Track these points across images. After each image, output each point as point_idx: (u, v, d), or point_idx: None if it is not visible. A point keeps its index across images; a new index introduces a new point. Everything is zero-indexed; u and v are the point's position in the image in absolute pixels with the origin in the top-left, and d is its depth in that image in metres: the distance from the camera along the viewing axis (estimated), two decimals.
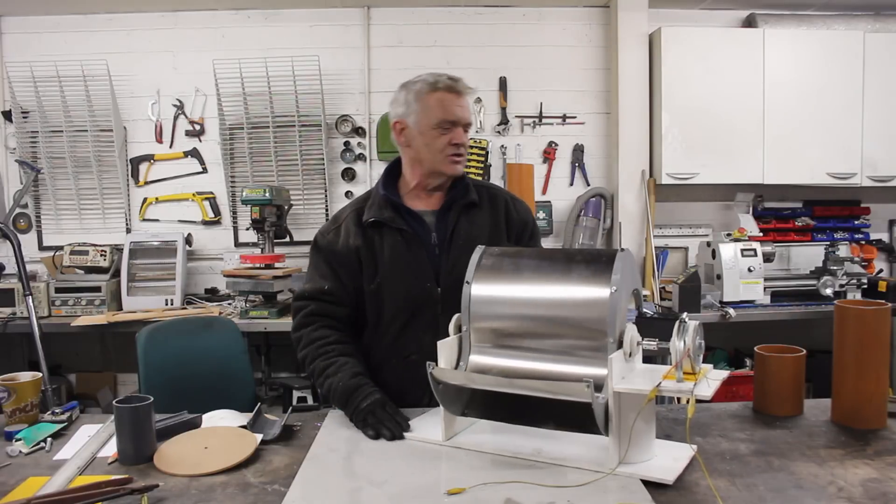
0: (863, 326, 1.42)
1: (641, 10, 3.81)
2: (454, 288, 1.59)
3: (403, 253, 1.65)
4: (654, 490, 1.13)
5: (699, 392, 1.14)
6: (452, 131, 1.63)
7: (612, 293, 1.24)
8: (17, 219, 3.91)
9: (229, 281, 3.44)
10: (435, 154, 1.64)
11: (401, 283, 1.65)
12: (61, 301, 3.43)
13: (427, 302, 1.64)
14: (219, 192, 3.96)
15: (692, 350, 1.18)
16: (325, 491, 1.17)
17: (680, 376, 1.17)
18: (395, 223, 1.66)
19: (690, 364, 1.18)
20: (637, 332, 1.27)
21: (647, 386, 1.18)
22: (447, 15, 3.96)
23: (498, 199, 1.77)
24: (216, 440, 1.38)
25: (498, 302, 1.39)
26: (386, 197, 1.69)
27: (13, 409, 1.47)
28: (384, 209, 1.67)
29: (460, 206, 1.69)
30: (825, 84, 3.71)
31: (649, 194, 3.84)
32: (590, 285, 1.28)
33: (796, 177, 3.78)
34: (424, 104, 1.63)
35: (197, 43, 3.89)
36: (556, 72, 3.99)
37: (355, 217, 1.70)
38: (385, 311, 1.66)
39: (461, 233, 1.67)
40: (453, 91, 1.63)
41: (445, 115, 1.62)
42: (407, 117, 1.67)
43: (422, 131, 1.64)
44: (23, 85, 3.77)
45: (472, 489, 1.13)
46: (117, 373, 3.99)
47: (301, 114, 3.83)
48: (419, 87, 1.65)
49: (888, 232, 4.20)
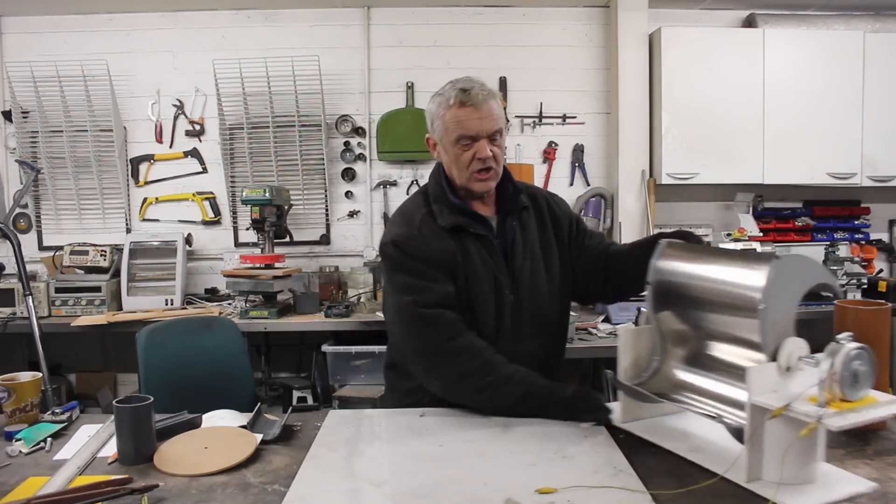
0: (863, 326, 1.42)
1: (641, 10, 3.81)
2: (520, 295, 1.62)
3: (488, 259, 1.60)
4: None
5: (829, 421, 1.04)
6: (474, 146, 1.55)
7: (762, 310, 1.17)
8: (17, 219, 3.92)
9: (229, 281, 3.44)
10: (462, 171, 1.59)
11: (490, 290, 1.59)
12: (61, 301, 3.43)
13: (505, 309, 1.61)
14: (219, 192, 3.96)
15: (840, 375, 1.07)
16: (325, 491, 1.17)
17: (822, 400, 1.07)
18: (474, 228, 1.60)
19: (839, 390, 1.07)
20: (803, 346, 1.18)
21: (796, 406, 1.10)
22: (447, 15, 3.96)
23: (539, 199, 1.74)
24: (216, 440, 1.38)
25: (678, 299, 1.40)
26: (456, 202, 1.61)
27: (13, 409, 1.47)
28: (458, 214, 1.60)
29: (517, 212, 1.66)
30: (825, 84, 3.71)
31: (649, 194, 3.84)
32: (742, 304, 1.23)
33: (796, 177, 3.78)
34: (443, 122, 1.58)
35: (197, 43, 3.89)
36: (556, 72, 3.99)
37: (430, 220, 1.61)
38: (476, 319, 1.58)
39: (518, 240, 1.64)
40: (467, 105, 1.54)
41: (462, 132, 1.55)
42: (434, 133, 1.63)
43: (446, 149, 1.60)
44: (23, 85, 3.77)
45: (563, 490, 1.12)
46: (117, 373, 3.99)
47: (301, 114, 3.84)
48: (438, 103, 1.59)
49: (888, 232, 4.20)
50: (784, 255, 1.24)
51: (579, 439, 1.38)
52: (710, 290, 1.32)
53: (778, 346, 1.17)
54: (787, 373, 1.17)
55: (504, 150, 1.63)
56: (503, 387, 1.48)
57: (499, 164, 1.60)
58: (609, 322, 3.21)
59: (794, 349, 1.17)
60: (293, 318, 3.34)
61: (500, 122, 1.58)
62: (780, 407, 1.09)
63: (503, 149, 1.62)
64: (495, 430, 1.44)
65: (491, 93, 1.58)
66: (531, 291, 1.64)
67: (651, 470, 1.22)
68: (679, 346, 1.43)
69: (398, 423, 1.50)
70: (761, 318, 1.18)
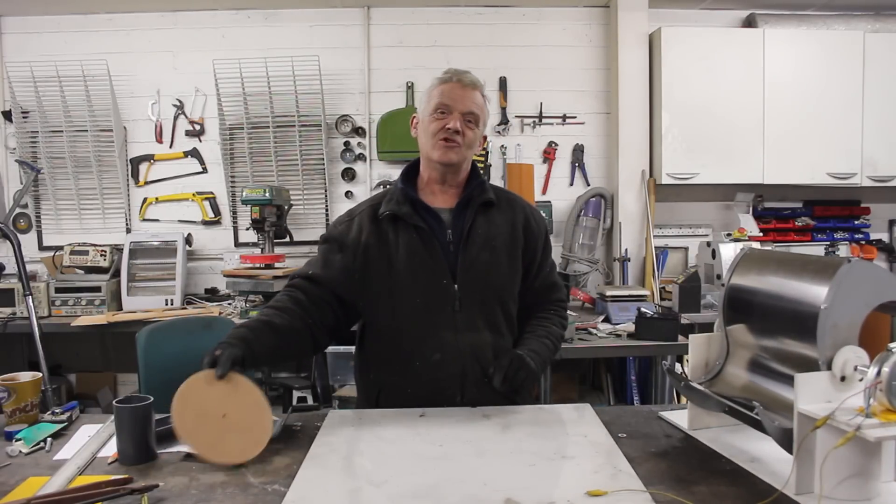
0: (862, 326, 1.42)
1: (641, 10, 3.82)
2: (471, 285, 1.62)
3: (419, 249, 1.62)
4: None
5: (868, 432, 0.99)
6: (447, 118, 1.61)
7: (822, 311, 1.14)
8: (17, 219, 3.92)
9: (229, 281, 3.44)
10: (428, 139, 1.63)
11: (417, 280, 1.61)
12: (61, 301, 3.43)
13: (444, 299, 1.61)
14: (219, 192, 3.96)
15: (887, 384, 1.02)
16: (325, 491, 1.17)
17: (867, 410, 1.03)
18: (411, 219, 1.62)
19: (886, 399, 1.02)
20: (862, 355, 1.13)
21: (843, 416, 1.05)
22: (447, 15, 3.96)
23: (516, 206, 1.75)
24: (235, 409, 1.31)
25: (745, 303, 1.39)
26: (404, 191, 1.67)
27: (13, 409, 1.47)
28: (402, 204, 1.64)
29: (477, 204, 1.67)
30: (825, 84, 3.72)
31: (649, 194, 3.84)
32: (806, 299, 1.20)
33: (796, 177, 3.78)
34: (428, 94, 1.66)
35: (197, 43, 3.90)
36: (556, 72, 3.99)
37: (371, 212, 1.68)
38: (401, 310, 1.62)
39: (479, 230, 1.65)
40: (454, 82, 1.63)
41: (441, 99, 1.62)
42: (419, 110, 1.71)
43: (423, 120, 1.67)
44: (23, 85, 3.77)
45: (613, 493, 1.11)
46: (117, 373, 4.00)
47: (301, 114, 3.84)
48: (431, 83, 1.68)
49: (888, 232, 4.21)
50: (858, 260, 1.19)
51: (579, 439, 1.38)
52: (779, 296, 1.29)
53: (834, 354, 1.12)
54: (841, 383, 1.11)
55: (477, 140, 1.67)
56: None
57: (466, 145, 1.64)
58: (609, 322, 3.21)
59: (850, 358, 1.12)
60: None
61: (478, 109, 1.64)
62: (823, 416, 1.05)
63: (477, 137, 1.67)
64: (495, 430, 1.44)
65: (480, 85, 1.67)
66: (484, 284, 1.63)
67: (651, 470, 1.22)
68: (743, 350, 1.40)
69: (398, 423, 1.49)
70: (820, 320, 1.14)
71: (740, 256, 1.44)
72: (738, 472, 1.21)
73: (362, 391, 1.75)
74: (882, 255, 4.10)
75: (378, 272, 1.63)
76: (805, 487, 1.10)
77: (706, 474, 1.20)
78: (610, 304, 3.27)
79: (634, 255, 3.89)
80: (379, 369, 1.68)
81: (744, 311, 1.39)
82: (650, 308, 3.15)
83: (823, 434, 1.06)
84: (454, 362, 1.59)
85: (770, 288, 1.32)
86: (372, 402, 1.67)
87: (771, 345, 1.32)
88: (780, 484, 1.12)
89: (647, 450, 1.33)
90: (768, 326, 1.32)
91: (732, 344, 1.42)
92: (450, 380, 1.59)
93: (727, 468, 1.24)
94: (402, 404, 1.59)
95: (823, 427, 1.06)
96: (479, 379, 1.60)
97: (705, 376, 1.44)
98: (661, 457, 1.29)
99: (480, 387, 1.60)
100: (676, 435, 1.42)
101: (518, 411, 1.56)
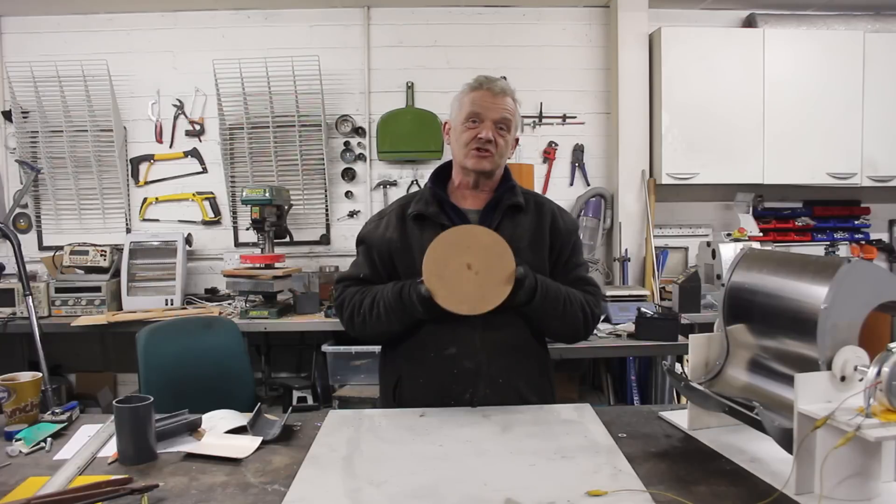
0: (862, 326, 1.41)
1: (641, 10, 3.81)
2: None
3: None
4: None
5: (868, 432, 1.00)
6: (479, 126, 1.65)
7: (822, 310, 1.14)
8: (17, 219, 3.92)
9: (229, 281, 3.44)
10: (461, 148, 1.68)
11: None
12: (61, 301, 3.43)
13: None
14: (219, 192, 3.96)
15: (887, 383, 1.02)
16: (325, 491, 1.17)
17: (867, 410, 1.03)
18: (437, 218, 1.68)
19: (886, 399, 1.02)
20: (862, 355, 1.12)
21: (842, 416, 1.05)
22: (447, 15, 3.96)
23: (545, 208, 1.78)
24: (477, 258, 1.55)
25: (747, 303, 1.38)
26: (433, 192, 1.73)
27: (13, 409, 1.47)
28: (430, 204, 1.70)
29: (505, 206, 1.71)
30: (825, 84, 3.71)
31: (649, 194, 3.84)
32: (806, 299, 1.20)
33: (796, 177, 3.78)
34: (460, 102, 1.71)
35: (197, 43, 3.90)
36: (556, 72, 3.99)
37: (400, 211, 1.75)
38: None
39: (504, 232, 1.66)
40: (485, 90, 1.67)
41: (473, 108, 1.66)
42: (451, 117, 1.75)
43: (455, 129, 1.71)
44: (23, 85, 3.77)
45: (614, 493, 1.12)
46: (117, 373, 3.99)
47: (301, 114, 3.84)
48: (462, 89, 1.72)
49: (888, 232, 4.20)
50: (858, 260, 1.19)
51: (579, 439, 1.38)
52: (779, 296, 1.29)
53: (834, 354, 1.12)
54: (842, 383, 1.12)
55: (509, 146, 1.72)
56: (360, 305, 1.67)
57: (499, 153, 1.68)
58: (609, 322, 3.21)
59: (850, 358, 1.12)
60: (293, 318, 3.35)
61: (510, 114, 1.68)
62: (824, 417, 1.05)
63: (508, 144, 1.71)
64: (495, 430, 1.44)
65: (511, 91, 1.71)
66: None
67: (651, 470, 1.22)
68: (744, 350, 1.41)
69: (398, 423, 1.50)
70: (820, 320, 1.14)
71: (740, 256, 1.44)
72: (738, 472, 1.21)
73: (383, 379, 1.81)
74: (882, 255, 4.10)
75: (403, 266, 1.68)
76: (805, 487, 1.10)
77: (706, 474, 1.20)
78: (610, 304, 3.27)
79: (634, 255, 3.89)
80: (398, 359, 1.73)
81: (744, 311, 1.39)
82: (650, 308, 3.15)
83: (823, 434, 1.07)
84: (469, 358, 1.62)
85: (770, 288, 1.32)
86: (390, 390, 1.73)
87: (771, 345, 1.32)
88: (781, 484, 1.12)
89: (647, 450, 1.33)
90: (768, 326, 1.33)
91: (732, 344, 1.42)
92: (464, 374, 1.62)
93: (727, 468, 1.24)
94: (417, 395, 1.64)
95: (823, 427, 1.06)
96: (492, 377, 1.62)
97: (705, 376, 1.44)
98: (661, 457, 1.30)
99: (493, 385, 1.62)
100: (676, 435, 1.42)
101: (518, 411, 1.56)
